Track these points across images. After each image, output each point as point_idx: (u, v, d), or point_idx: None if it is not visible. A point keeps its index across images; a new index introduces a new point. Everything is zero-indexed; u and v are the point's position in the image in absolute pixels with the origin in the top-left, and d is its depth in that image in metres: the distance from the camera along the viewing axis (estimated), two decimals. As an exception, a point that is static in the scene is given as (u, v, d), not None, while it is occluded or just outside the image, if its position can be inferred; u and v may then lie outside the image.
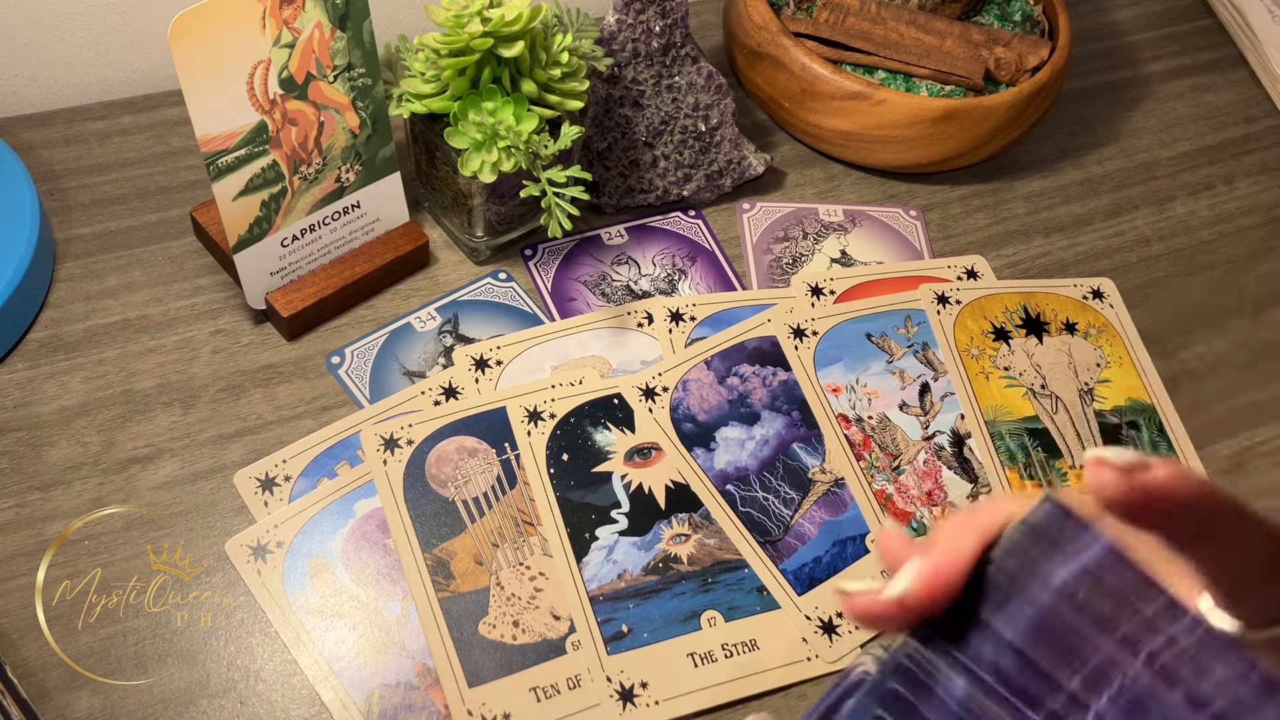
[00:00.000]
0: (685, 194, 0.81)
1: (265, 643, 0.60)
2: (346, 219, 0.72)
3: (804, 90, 0.82)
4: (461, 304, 0.74)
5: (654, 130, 0.78)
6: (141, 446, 0.66)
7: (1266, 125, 0.96)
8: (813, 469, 0.69)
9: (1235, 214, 0.89)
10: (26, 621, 0.59)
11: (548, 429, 0.68)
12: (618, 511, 0.66)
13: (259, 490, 0.65)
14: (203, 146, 0.63)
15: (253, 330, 0.71)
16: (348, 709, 0.58)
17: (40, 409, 0.66)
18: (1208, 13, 1.04)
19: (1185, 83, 0.98)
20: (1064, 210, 0.87)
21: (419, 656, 0.60)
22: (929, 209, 0.85)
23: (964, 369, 0.75)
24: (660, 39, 0.76)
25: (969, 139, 0.82)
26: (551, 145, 0.67)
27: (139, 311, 0.71)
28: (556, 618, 0.62)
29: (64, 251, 0.73)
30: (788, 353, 0.74)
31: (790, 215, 0.83)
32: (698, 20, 0.93)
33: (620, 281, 0.77)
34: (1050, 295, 0.80)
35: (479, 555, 0.63)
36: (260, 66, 0.63)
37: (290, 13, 0.63)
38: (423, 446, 0.66)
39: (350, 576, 0.62)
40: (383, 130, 0.71)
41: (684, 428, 0.70)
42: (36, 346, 0.69)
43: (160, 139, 0.80)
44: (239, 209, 0.66)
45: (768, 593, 0.64)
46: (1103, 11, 1.03)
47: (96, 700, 0.57)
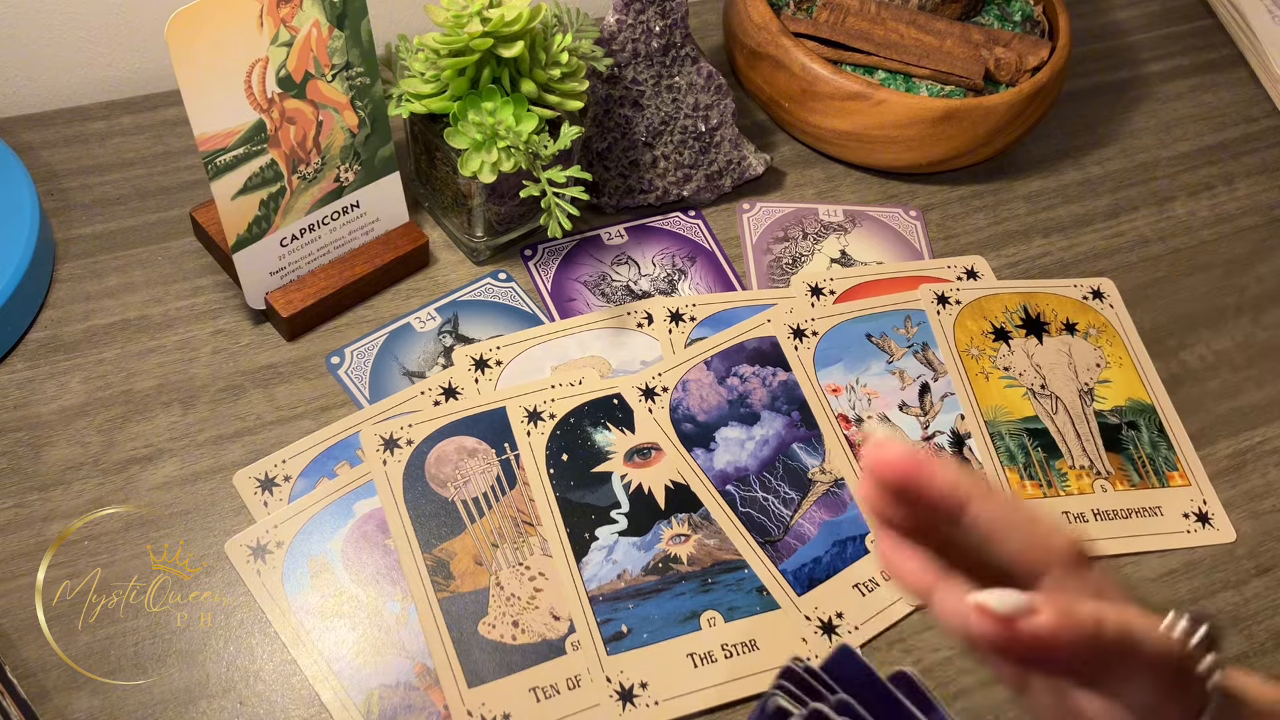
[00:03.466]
0: (685, 194, 0.81)
1: (265, 643, 0.60)
2: (346, 219, 0.72)
3: (804, 90, 0.82)
4: (461, 304, 0.74)
5: (654, 130, 0.78)
6: (141, 446, 0.66)
7: (1266, 125, 0.95)
8: (812, 469, 0.69)
9: (1235, 214, 0.88)
10: (26, 621, 0.59)
11: (547, 429, 0.68)
12: (617, 512, 0.66)
13: (259, 490, 0.65)
14: (201, 145, 0.63)
15: (252, 330, 0.71)
16: (347, 709, 0.58)
17: (40, 409, 0.66)
18: (1208, 13, 1.04)
19: (1185, 83, 0.98)
20: (1064, 210, 0.87)
21: (419, 656, 0.60)
22: (929, 209, 0.85)
23: (964, 369, 0.75)
24: (660, 39, 0.76)
25: (969, 139, 0.82)
26: (551, 145, 0.67)
27: (139, 311, 0.71)
28: (556, 618, 0.62)
29: (64, 251, 0.73)
30: (788, 353, 0.74)
31: (790, 215, 0.82)
32: (698, 20, 0.93)
33: (620, 281, 0.77)
34: (1050, 295, 0.80)
35: (479, 555, 0.63)
36: (258, 65, 0.63)
37: (288, 11, 0.63)
38: (422, 446, 0.66)
39: (350, 576, 0.62)
40: (381, 130, 0.71)
41: (684, 428, 0.70)
42: (36, 346, 0.69)
43: (160, 139, 0.80)
44: (238, 208, 0.66)
45: (767, 593, 0.64)
46: (1103, 11, 1.03)
47: (96, 700, 0.57)
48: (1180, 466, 0.73)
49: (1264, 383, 0.78)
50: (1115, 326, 0.79)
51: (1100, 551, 0.41)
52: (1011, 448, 0.72)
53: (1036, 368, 0.75)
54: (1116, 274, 0.82)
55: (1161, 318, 0.81)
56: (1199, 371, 0.78)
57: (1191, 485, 0.72)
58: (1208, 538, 0.70)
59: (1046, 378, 0.75)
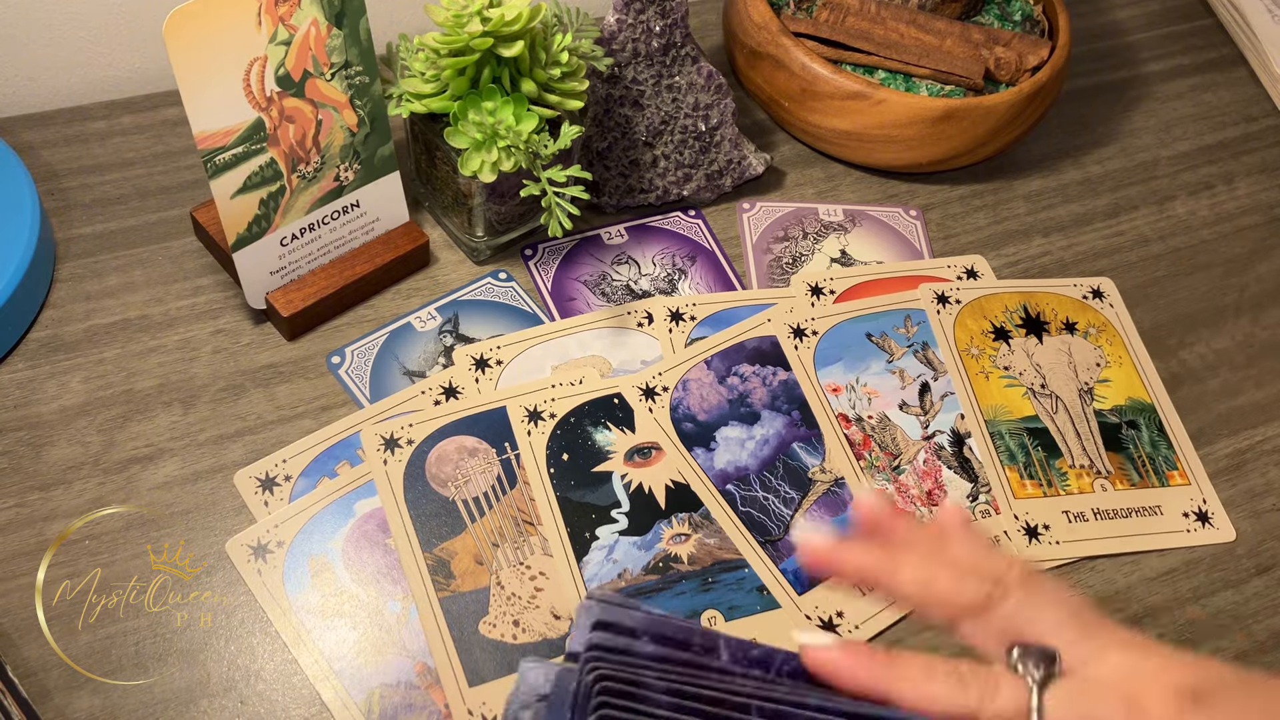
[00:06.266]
0: (685, 194, 0.81)
1: (265, 642, 0.60)
2: (346, 218, 0.72)
3: (804, 90, 0.82)
4: (461, 304, 0.74)
5: (654, 130, 0.78)
6: (141, 446, 0.66)
7: (1266, 125, 0.96)
8: (813, 469, 0.69)
9: (1235, 214, 0.89)
10: (26, 621, 0.59)
11: (548, 429, 0.68)
12: (618, 511, 0.66)
13: (259, 490, 0.65)
14: (200, 144, 0.63)
15: (253, 330, 0.71)
16: (348, 708, 0.58)
17: (40, 409, 0.66)
18: (1208, 12, 1.04)
19: (1185, 83, 0.98)
20: (1064, 210, 0.87)
21: (419, 656, 0.60)
22: (929, 209, 0.85)
23: (964, 368, 0.75)
24: (660, 39, 0.76)
25: (969, 139, 0.82)
26: (551, 145, 0.67)
27: (139, 311, 0.71)
28: (556, 617, 0.62)
29: (64, 251, 0.73)
30: (788, 352, 0.74)
31: (790, 215, 0.83)
32: (698, 20, 0.93)
33: (620, 281, 0.77)
34: (1050, 295, 0.80)
35: (479, 555, 0.63)
36: (256, 63, 0.63)
37: (286, 9, 0.63)
38: (423, 446, 0.66)
39: (350, 576, 0.62)
40: (381, 129, 0.71)
41: (684, 427, 0.70)
42: (37, 346, 0.69)
43: (160, 139, 0.80)
44: (237, 207, 0.66)
45: (768, 592, 0.64)
46: (1103, 11, 1.03)
47: (96, 700, 0.57)
48: (1180, 466, 0.73)
49: (1264, 382, 0.78)
50: (1115, 326, 0.79)
51: (1041, 566, 0.47)
52: (1011, 447, 0.72)
53: (1036, 367, 0.76)
54: (1116, 273, 0.83)
55: (1161, 317, 0.81)
56: (1199, 371, 0.78)
57: (1191, 484, 0.72)
58: (1207, 537, 0.70)
59: (1046, 377, 0.75)
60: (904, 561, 0.46)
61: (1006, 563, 0.46)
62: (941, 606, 0.45)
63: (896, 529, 0.48)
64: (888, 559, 0.46)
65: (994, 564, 0.46)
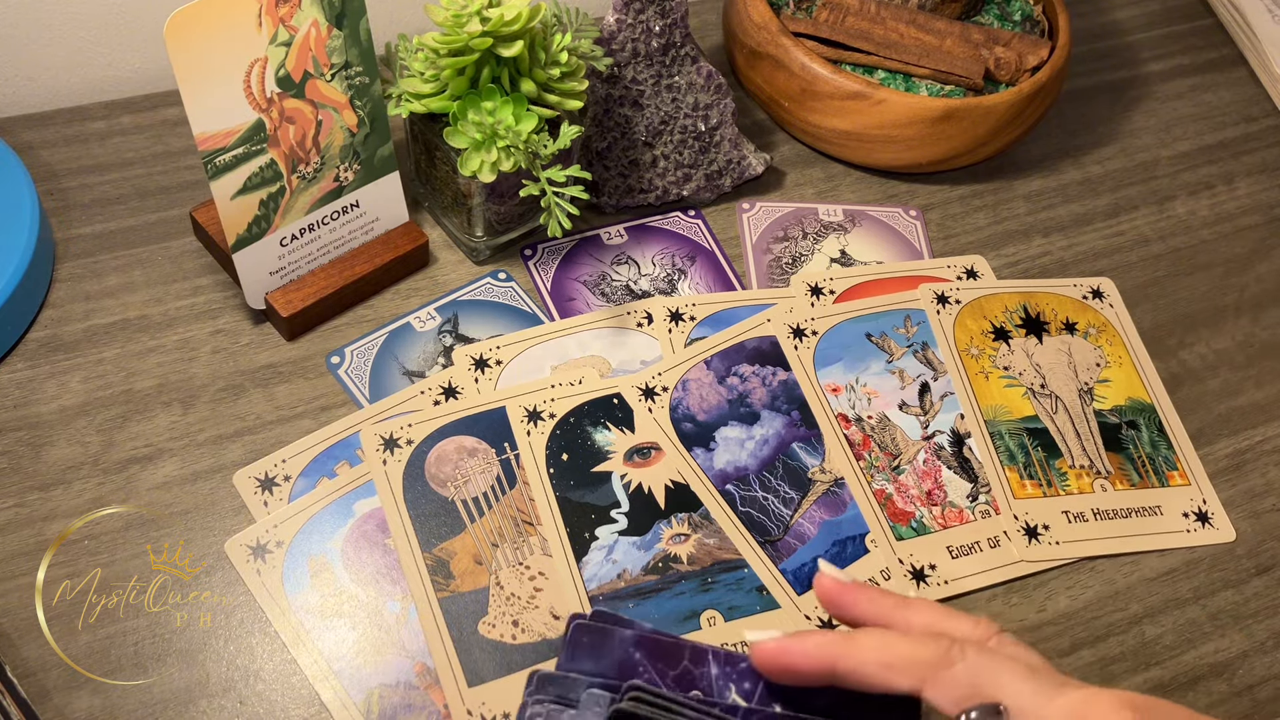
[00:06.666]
0: (685, 194, 0.81)
1: (265, 642, 0.60)
2: (346, 218, 0.72)
3: (804, 90, 0.82)
4: (461, 304, 0.74)
5: (654, 130, 0.78)
6: (141, 446, 0.66)
7: (1266, 125, 0.96)
8: (812, 469, 0.69)
9: (1235, 214, 0.88)
10: (26, 621, 0.59)
11: (547, 429, 0.68)
12: (617, 511, 0.66)
13: (259, 490, 0.65)
14: (200, 145, 0.63)
15: (252, 330, 0.71)
16: (347, 709, 0.58)
17: (40, 409, 0.66)
18: (1208, 12, 1.04)
19: (1185, 82, 0.98)
20: (1064, 210, 0.87)
21: (419, 656, 0.60)
22: (929, 209, 0.85)
23: (964, 369, 0.75)
24: (660, 39, 0.76)
25: (969, 139, 0.82)
26: (551, 145, 0.67)
27: (139, 311, 0.71)
28: (556, 617, 0.62)
29: (64, 251, 0.73)
30: (787, 352, 0.74)
31: (790, 215, 0.83)
32: (698, 20, 0.93)
33: (620, 281, 0.77)
34: (1050, 295, 0.80)
35: (479, 555, 0.63)
36: (257, 64, 0.63)
37: (286, 10, 0.63)
38: (422, 446, 0.66)
39: (350, 576, 0.62)
40: (381, 129, 0.71)
41: (684, 427, 0.70)
42: (36, 346, 0.69)
43: (160, 139, 0.80)
44: (237, 208, 0.66)
45: (767, 592, 0.64)
46: (1103, 11, 1.03)
47: (96, 700, 0.57)
48: (1180, 466, 0.73)
49: (1264, 382, 0.78)
50: (1115, 326, 0.79)
51: (1003, 626, 0.50)
52: (1011, 447, 0.72)
53: (1036, 367, 0.76)
54: (1116, 273, 0.83)
55: (1161, 317, 0.81)
56: (1199, 371, 0.78)
57: (1191, 485, 0.72)
58: (1207, 537, 0.70)
59: (1046, 377, 0.75)
60: (861, 630, 0.49)
61: (971, 623, 0.49)
62: (903, 665, 0.47)
63: (859, 601, 0.51)
64: (900, 605, 0.50)
65: (953, 625, 0.49)
